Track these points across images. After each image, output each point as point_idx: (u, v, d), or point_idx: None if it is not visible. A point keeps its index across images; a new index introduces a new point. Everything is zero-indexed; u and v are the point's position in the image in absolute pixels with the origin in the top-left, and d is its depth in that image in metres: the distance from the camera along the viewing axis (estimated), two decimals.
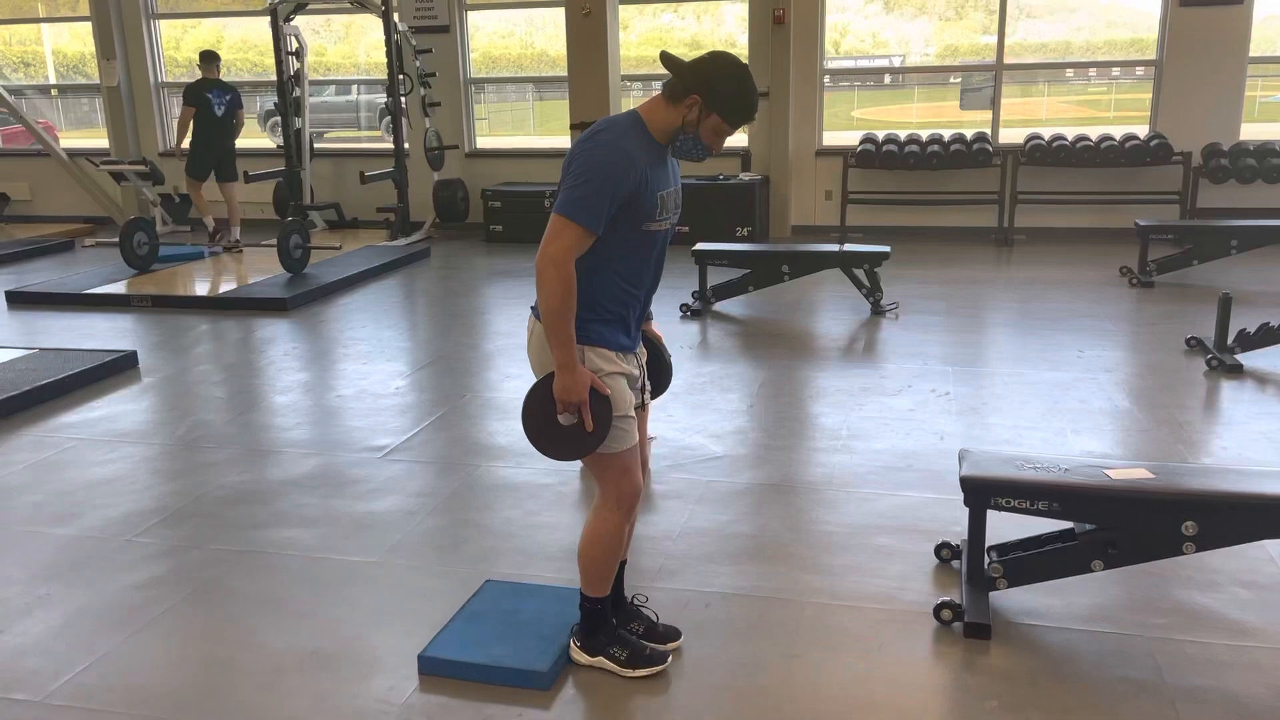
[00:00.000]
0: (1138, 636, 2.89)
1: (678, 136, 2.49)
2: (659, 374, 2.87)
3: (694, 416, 4.73)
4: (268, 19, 8.87)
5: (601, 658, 2.77)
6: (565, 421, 2.52)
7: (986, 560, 3.03)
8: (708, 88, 2.42)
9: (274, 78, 8.90)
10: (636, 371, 2.65)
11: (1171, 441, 4.36)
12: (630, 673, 2.75)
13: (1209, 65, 8.81)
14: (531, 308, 2.62)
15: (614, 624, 2.82)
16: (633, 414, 2.60)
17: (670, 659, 2.80)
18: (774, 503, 3.85)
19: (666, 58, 2.50)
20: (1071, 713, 2.56)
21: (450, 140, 10.21)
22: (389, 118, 9.95)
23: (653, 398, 2.81)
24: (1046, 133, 9.24)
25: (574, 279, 2.40)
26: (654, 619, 2.86)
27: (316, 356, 6.10)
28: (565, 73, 8.45)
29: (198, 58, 9.11)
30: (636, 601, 2.89)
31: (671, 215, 2.56)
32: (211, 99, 8.92)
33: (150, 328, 6.75)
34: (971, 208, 9.32)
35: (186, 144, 9.19)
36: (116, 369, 5.63)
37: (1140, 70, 9.97)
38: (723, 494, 3.91)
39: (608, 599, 2.77)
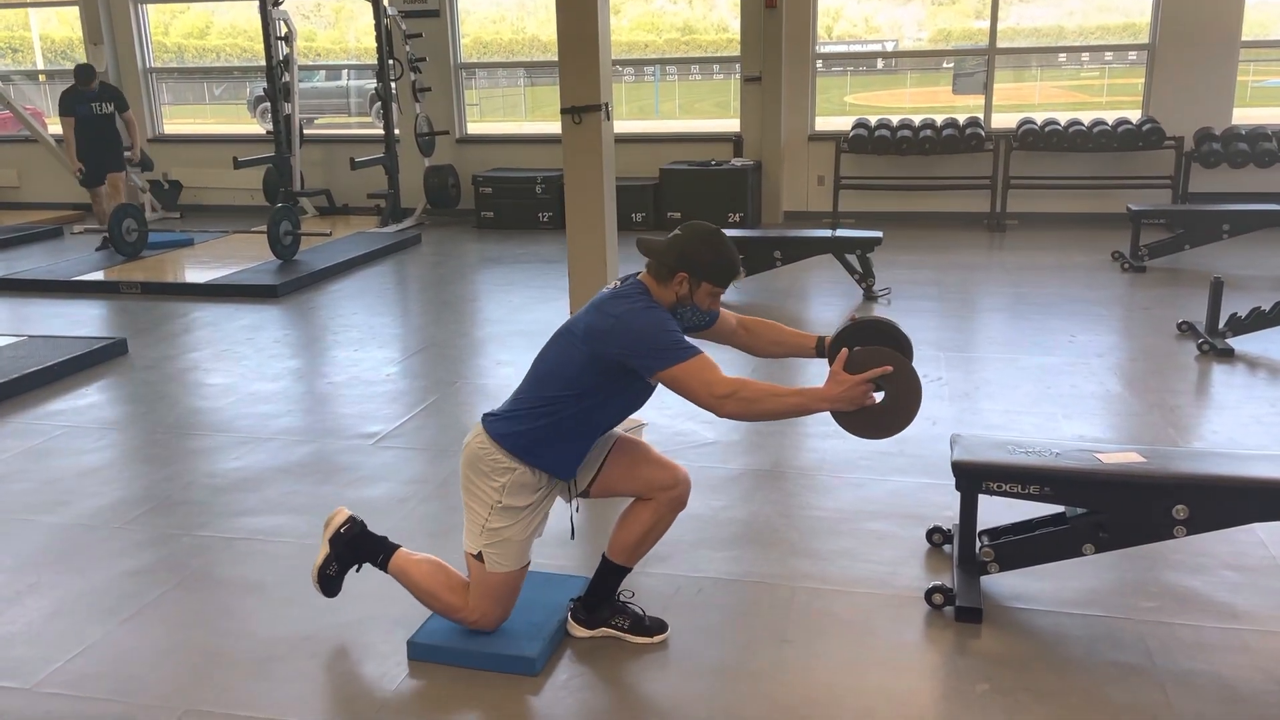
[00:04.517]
0: (1128, 620, 2.89)
1: (676, 311, 2.62)
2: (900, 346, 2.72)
3: (686, 402, 4.71)
4: (256, 4, 8.79)
5: (604, 628, 2.82)
6: (879, 397, 2.54)
7: (978, 544, 3.03)
8: (690, 263, 2.56)
9: (263, 63, 8.83)
10: (560, 492, 2.73)
11: (1163, 425, 4.37)
12: (635, 639, 2.80)
13: (1201, 50, 8.80)
14: (483, 415, 2.70)
15: (615, 597, 2.87)
16: (525, 563, 2.70)
17: (669, 629, 2.85)
18: (766, 488, 3.85)
19: (643, 245, 2.63)
20: (1062, 696, 2.56)
21: (441, 126, 10.17)
22: (379, 103, 9.91)
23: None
24: (1039, 117, 9.23)
25: (745, 383, 2.50)
26: (641, 614, 2.86)
27: (307, 343, 6.08)
28: (557, 58, 8.43)
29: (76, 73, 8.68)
30: (623, 598, 2.89)
31: None
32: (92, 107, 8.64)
33: (140, 315, 6.72)
34: (964, 193, 9.31)
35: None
36: (106, 356, 5.60)
37: (1133, 55, 9.95)
38: (715, 480, 3.91)
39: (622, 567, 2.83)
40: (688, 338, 2.61)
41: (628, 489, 2.75)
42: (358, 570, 2.93)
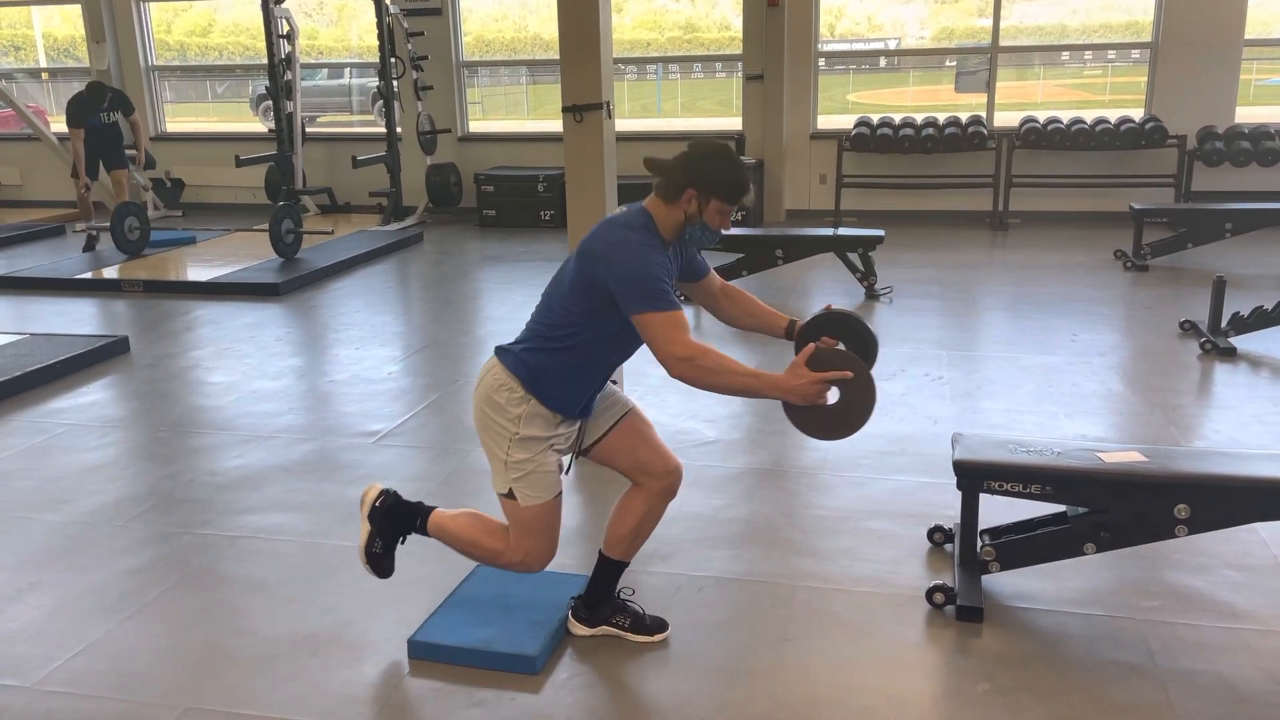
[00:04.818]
0: (1129, 619, 2.89)
1: (686, 230, 2.57)
2: (861, 339, 2.74)
3: (687, 401, 4.72)
4: (259, 2, 8.79)
5: (605, 626, 2.82)
6: (832, 399, 2.51)
7: (979, 544, 3.03)
8: (698, 179, 2.52)
9: (265, 61, 8.83)
10: (571, 440, 2.70)
11: (1164, 425, 4.36)
12: (636, 638, 2.80)
13: (1204, 48, 8.78)
14: (496, 348, 2.68)
15: (615, 595, 2.86)
16: (557, 491, 2.65)
17: (669, 628, 2.85)
18: (767, 487, 3.84)
19: (650, 162, 2.60)
20: (1063, 695, 2.56)
21: (443, 124, 10.17)
22: (381, 101, 9.91)
23: (872, 362, 2.71)
24: (1041, 116, 9.22)
25: (706, 351, 2.46)
26: (641, 612, 2.86)
27: (309, 341, 6.08)
28: (559, 56, 8.42)
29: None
30: (623, 595, 2.89)
31: None
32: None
33: (142, 313, 6.72)
34: (966, 191, 9.30)
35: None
36: (108, 354, 5.60)
37: (1135, 53, 9.94)
38: (716, 479, 3.91)
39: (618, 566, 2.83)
40: (684, 284, 2.61)
41: (622, 464, 2.74)
42: (403, 542, 2.90)
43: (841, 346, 2.64)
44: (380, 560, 2.88)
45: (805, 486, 3.83)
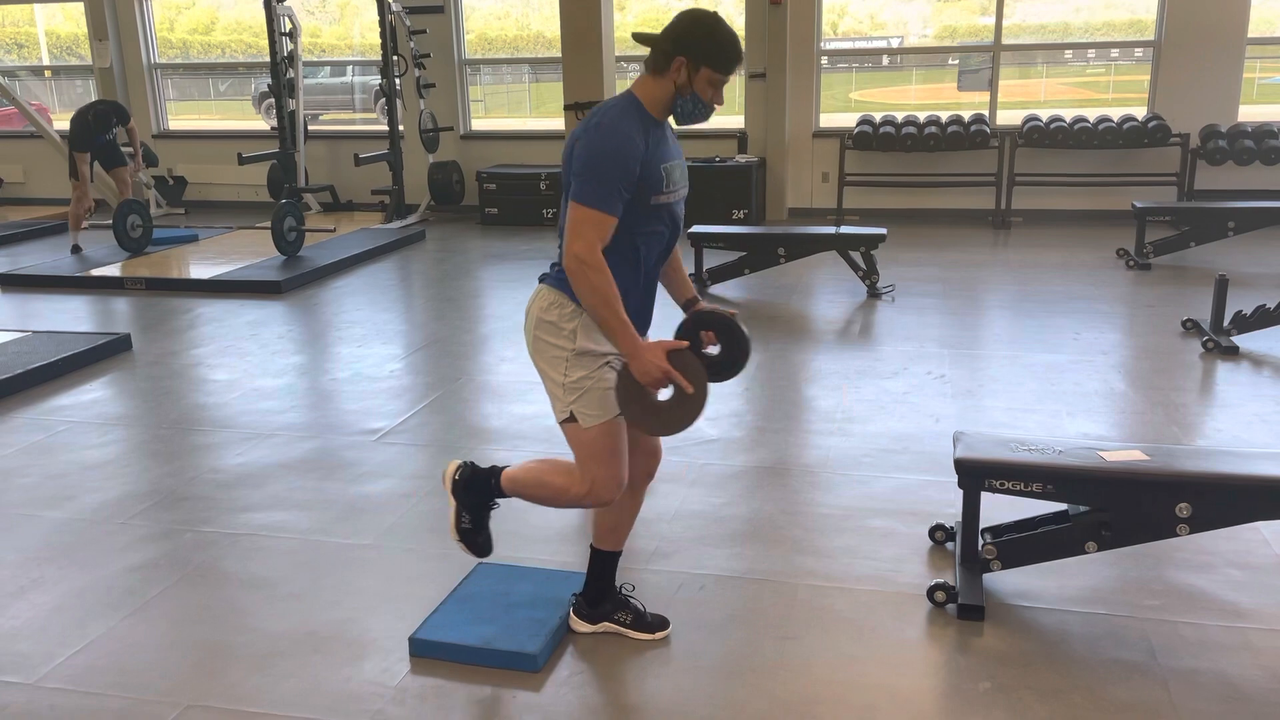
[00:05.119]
0: (1131, 618, 2.89)
1: (676, 104, 2.49)
2: (735, 350, 2.68)
3: None
4: (261, 0, 8.80)
5: (606, 623, 2.82)
6: (665, 396, 2.50)
7: (980, 542, 3.03)
8: (688, 45, 2.43)
9: (268, 59, 8.83)
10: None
11: (1166, 424, 4.36)
12: (637, 635, 2.80)
13: (1207, 46, 8.77)
14: (541, 276, 2.61)
15: (616, 590, 2.86)
16: (618, 411, 2.56)
17: (670, 625, 2.85)
18: (768, 485, 3.84)
19: (639, 36, 2.52)
20: (1064, 694, 2.56)
21: (445, 122, 10.17)
22: (383, 99, 9.91)
23: (732, 375, 2.68)
24: (1044, 114, 9.21)
25: (606, 269, 2.40)
26: (642, 609, 2.86)
27: (311, 339, 6.09)
28: (561, 54, 8.46)
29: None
30: (625, 591, 2.89)
31: (679, 188, 2.56)
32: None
33: (144, 310, 6.73)
34: (968, 190, 9.29)
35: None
36: (110, 352, 5.61)
37: (1139, 51, 9.93)
38: (717, 477, 3.91)
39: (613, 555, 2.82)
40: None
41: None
42: (495, 508, 2.86)
43: (716, 349, 2.63)
44: (472, 536, 2.84)
45: (806, 484, 3.83)
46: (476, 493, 2.83)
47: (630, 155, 2.39)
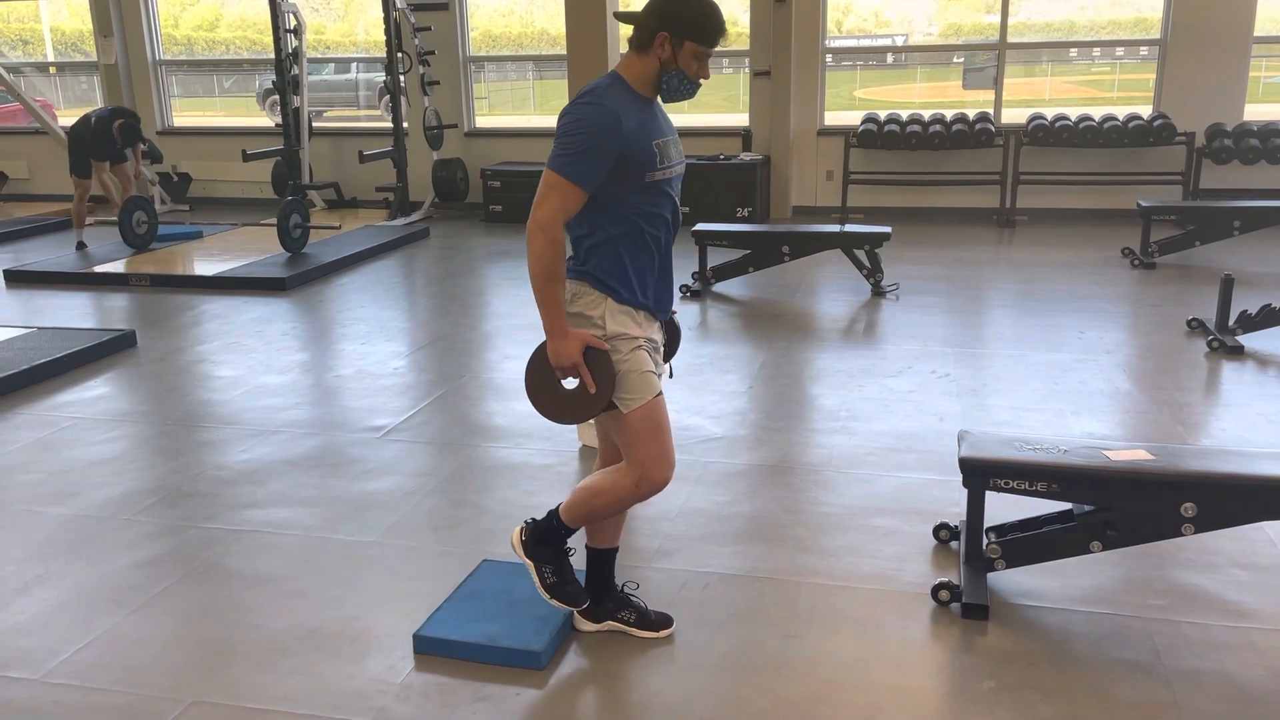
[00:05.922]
0: (1135, 618, 2.88)
1: (662, 80, 2.48)
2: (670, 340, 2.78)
3: (693, 397, 4.72)
4: None
5: (610, 621, 2.82)
6: (570, 386, 2.50)
7: (985, 541, 3.02)
8: (670, 20, 2.42)
9: (272, 56, 8.84)
10: (658, 346, 2.64)
11: (1171, 423, 4.35)
12: (641, 633, 2.80)
13: (1213, 45, 8.75)
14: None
15: (617, 588, 2.86)
16: (657, 391, 2.56)
17: (674, 624, 2.85)
18: (772, 484, 3.84)
19: (620, 15, 2.52)
20: (1068, 693, 2.55)
21: (449, 119, 10.17)
22: (388, 96, 9.91)
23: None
24: (1049, 113, 9.19)
25: (562, 242, 2.41)
26: (645, 607, 2.86)
27: (315, 336, 6.09)
28: (565, 51, 8.45)
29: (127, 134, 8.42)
30: (627, 589, 2.89)
31: (675, 163, 2.56)
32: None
33: (148, 307, 6.73)
34: (973, 188, 9.28)
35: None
36: (115, 348, 5.62)
37: (1144, 50, 9.90)
38: (721, 475, 3.91)
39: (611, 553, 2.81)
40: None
41: (608, 431, 2.69)
42: (570, 554, 2.80)
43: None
44: (561, 589, 2.75)
45: (810, 483, 3.83)
46: (547, 543, 2.77)
47: (610, 131, 2.38)
